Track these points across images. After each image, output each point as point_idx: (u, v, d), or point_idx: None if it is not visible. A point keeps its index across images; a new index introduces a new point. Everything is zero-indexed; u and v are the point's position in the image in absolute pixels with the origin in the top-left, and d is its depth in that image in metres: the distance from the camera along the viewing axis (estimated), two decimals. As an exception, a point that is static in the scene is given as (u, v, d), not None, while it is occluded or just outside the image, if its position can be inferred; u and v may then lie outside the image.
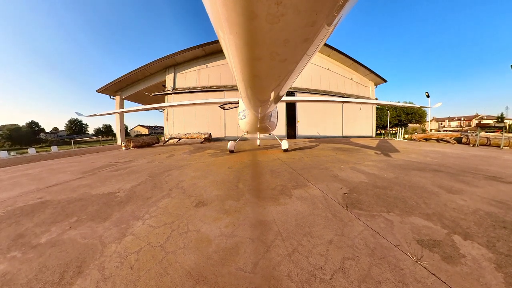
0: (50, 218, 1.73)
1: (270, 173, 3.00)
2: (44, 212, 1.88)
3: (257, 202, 1.86)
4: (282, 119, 14.39)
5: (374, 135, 18.06)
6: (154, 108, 6.37)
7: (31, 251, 1.26)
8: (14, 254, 1.25)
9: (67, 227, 1.55)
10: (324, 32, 0.77)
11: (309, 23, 0.70)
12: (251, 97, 1.91)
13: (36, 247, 1.30)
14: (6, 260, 1.19)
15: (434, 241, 1.21)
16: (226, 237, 1.29)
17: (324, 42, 0.90)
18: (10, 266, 1.13)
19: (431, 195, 2.00)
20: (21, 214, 1.87)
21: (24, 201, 2.24)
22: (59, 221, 1.67)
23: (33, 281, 1.01)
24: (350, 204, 1.78)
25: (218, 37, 0.92)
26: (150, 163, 4.51)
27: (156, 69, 15.70)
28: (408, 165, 3.64)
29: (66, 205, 2.04)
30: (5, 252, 1.27)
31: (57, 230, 1.50)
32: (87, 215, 1.76)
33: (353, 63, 16.67)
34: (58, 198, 2.29)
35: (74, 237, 1.39)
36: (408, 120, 35.23)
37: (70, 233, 1.45)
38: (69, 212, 1.84)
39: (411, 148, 6.98)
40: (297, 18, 0.67)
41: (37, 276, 1.04)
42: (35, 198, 2.33)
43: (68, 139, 45.97)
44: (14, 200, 2.31)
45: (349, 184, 2.40)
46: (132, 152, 7.81)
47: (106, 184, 2.77)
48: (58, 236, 1.42)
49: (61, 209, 1.93)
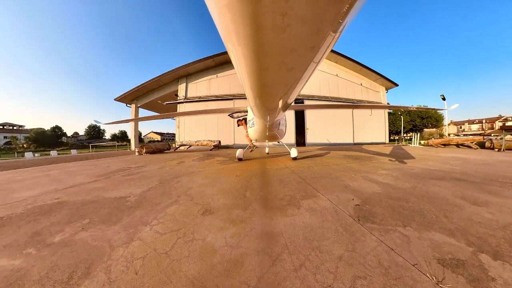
0: (65, 218, 1.80)
1: (279, 182, 2.95)
2: (60, 212, 1.96)
3: (264, 213, 1.82)
4: (291, 126, 14.33)
5: (387, 142, 17.27)
6: (167, 116, 6.64)
7: (45, 249, 1.32)
8: (29, 250, 1.31)
9: (79, 228, 1.60)
10: (330, 39, 0.79)
11: (314, 31, 0.72)
12: (260, 106, 1.94)
13: (50, 245, 1.36)
14: (22, 256, 1.25)
15: (458, 261, 1.09)
16: (231, 248, 1.27)
17: (331, 49, 0.91)
18: (25, 262, 1.19)
19: (453, 208, 1.84)
20: (39, 213, 1.97)
21: (43, 201, 2.37)
22: (73, 221, 1.73)
23: (44, 279, 1.04)
24: (362, 217, 1.68)
25: (227, 49, 0.96)
26: (160, 169, 4.62)
27: (169, 79, 16.61)
28: (425, 173, 3.42)
29: (80, 206, 2.12)
30: (22, 248, 1.34)
31: (70, 231, 1.56)
32: (98, 217, 1.81)
33: (362, 68, 16.49)
34: (73, 199, 2.40)
35: (85, 239, 1.43)
36: (424, 124, 33.28)
37: (82, 234, 1.49)
38: (83, 214, 1.91)
39: (428, 154, 6.60)
40: (302, 28, 0.69)
41: (48, 274, 1.07)
42: (53, 198, 2.45)
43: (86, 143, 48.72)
44: (35, 199, 2.45)
45: (361, 195, 2.28)
46: (144, 158, 8.06)
47: (118, 188, 2.86)
48: (70, 236, 1.47)
49: (76, 210, 2.00)
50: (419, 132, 17.26)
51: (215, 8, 0.68)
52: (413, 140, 12.67)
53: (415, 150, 8.58)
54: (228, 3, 0.60)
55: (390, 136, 25.34)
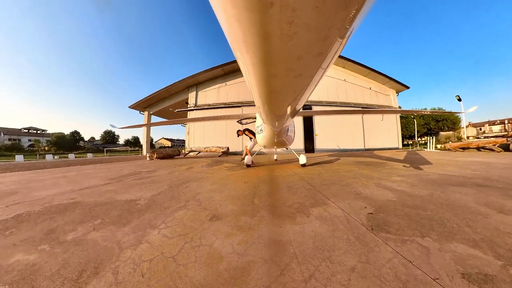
0: (78, 218, 1.86)
1: (287, 189, 2.89)
2: (74, 212, 2.03)
3: (273, 220, 1.78)
4: (300, 133, 14.19)
5: (401, 147, 16.59)
6: (178, 122, 6.84)
7: (58, 246, 1.36)
8: (44, 247, 1.36)
9: (91, 228, 1.64)
10: (337, 45, 0.79)
11: (321, 38, 0.72)
12: (268, 112, 1.95)
13: (63, 243, 1.40)
14: (37, 252, 1.30)
15: (486, 276, 0.99)
16: (238, 255, 1.24)
17: (338, 54, 0.91)
18: (39, 258, 1.23)
19: (477, 216, 1.70)
20: (55, 211, 2.06)
21: (59, 200, 2.48)
22: (85, 221, 1.78)
23: (55, 275, 1.07)
24: (376, 226, 1.59)
25: (236, 57, 0.98)
26: (170, 174, 4.70)
27: (180, 88, 17.39)
28: (444, 179, 3.22)
29: (93, 207, 2.19)
30: (37, 244, 1.40)
31: (82, 230, 1.60)
32: (109, 218, 1.85)
33: (370, 72, 16.30)
34: (87, 200, 2.48)
35: (96, 239, 1.46)
36: (439, 127, 31.59)
37: (93, 234, 1.53)
38: (95, 214, 1.96)
39: (446, 159, 6.25)
40: (309, 35, 0.69)
41: (59, 271, 1.10)
42: (69, 198, 2.55)
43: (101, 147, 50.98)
44: (52, 198, 2.57)
45: (374, 202, 2.17)
46: (155, 163, 8.26)
47: (129, 191, 2.93)
48: (82, 235, 1.51)
49: (88, 211, 2.07)
50: (434, 136, 16.42)
51: (224, 19, 0.70)
52: (429, 144, 12.08)
53: (431, 154, 8.15)
54: (236, 14, 0.63)
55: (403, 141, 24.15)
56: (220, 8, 0.66)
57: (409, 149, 14.83)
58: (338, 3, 0.58)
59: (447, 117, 30.62)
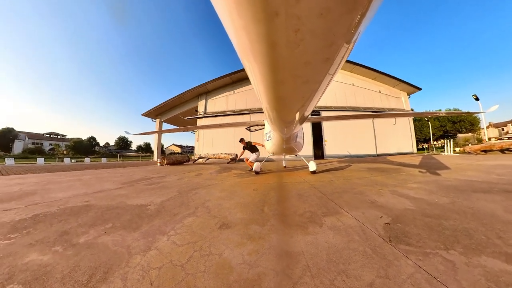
0: (91, 221, 1.90)
1: (297, 197, 2.80)
2: (87, 215, 2.08)
3: (283, 229, 1.72)
4: (308, 139, 13.96)
5: (415, 151, 15.77)
6: (188, 129, 7.00)
7: (71, 248, 1.39)
8: (57, 248, 1.39)
9: (102, 232, 1.66)
10: (344, 50, 0.78)
11: (327, 44, 0.72)
12: (276, 119, 1.94)
13: (75, 245, 1.43)
14: (50, 253, 1.33)
15: None
16: (249, 266, 1.19)
17: (345, 59, 0.90)
18: (52, 259, 1.26)
19: (507, 226, 1.55)
20: (70, 213, 2.12)
21: (74, 202, 2.56)
22: (97, 225, 1.81)
23: (66, 278, 1.08)
24: (394, 237, 1.48)
25: (244, 66, 1.01)
26: (180, 180, 4.74)
27: (190, 96, 18.07)
28: (466, 185, 2.99)
29: (105, 211, 2.23)
30: (51, 245, 1.44)
31: (94, 233, 1.63)
32: (120, 223, 1.87)
33: (379, 75, 15.97)
34: (100, 203, 2.54)
35: (106, 243, 1.47)
36: (456, 129, 29.58)
37: (104, 238, 1.54)
38: (107, 218, 1.99)
39: (467, 163, 5.83)
40: (315, 41, 0.70)
41: (70, 274, 1.11)
42: (83, 201, 2.63)
43: (115, 152, 53.02)
44: (67, 200, 2.67)
45: (391, 212, 2.05)
46: (165, 169, 8.41)
47: (140, 196, 2.97)
48: (94, 239, 1.53)
49: (101, 214, 2.10)
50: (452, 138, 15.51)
51: (232, 29, 0.73)
52: (446, 148, 11.42)
53: (450, 159, 7.68)
54: (243, 24, 0.65)
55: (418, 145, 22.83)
56: (227, 20, 0.69)
57: (424, 153, 14.06)
58: (343, 9, 0.58)
59: (465, 118, 28.68)
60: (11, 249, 1.41)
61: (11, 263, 1.24)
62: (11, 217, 2.07)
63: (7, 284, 1.05)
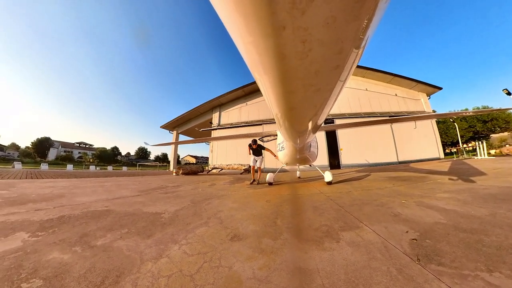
0: (109, 225, 1.98)
1: (313, 210, 2.65)
2: (106, 219, 2.17)
3: (297, 244, 1.62)
4: (323, 148, 13.27)
5: (443, 156, 14.14)
6: (202, 140, 7.21)
7: (88, 250, 1.45)
8: (76, 248, 1.47)
9: (118, 236, 1.71)
10: (354, 56, 0.78)
11: (336, 51, 0.72)
12: (289, 129, 1.94)
13: (93, 248, 1.49)
14: (70, 252, 1.41)
15: None
16: (259, 282, 1.13)
17: (356, 65, 0.89)
18: (71, 258, 1.32)
19: None
20: (91, 217, 2.24)
21: (95, 207, 2.71)
22: (114, 229, 1.88)
23: (82, 278, 1.12)
24: (423, 256, 1.31)
25: (255, 78, 1.04)
26: (194, 190, 4.81)
27: (205, 109, 19.19)
28: (507, 194, 2.62)
29: (123, 216, 2.31)
30: (72, 245, 1.52)
31: (111, 237, 1.68)
32: (135, 229, 1.91)
33: (393, 77, 15.11)
34: (118, 209, 2.64)
35: (121, 247, 1.50)
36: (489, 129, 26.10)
37: (119, 243, 1.58)
38: (123, 224, 2.06)
39: (506, 168, 5.13)
40: (324, 50, 0.70)
41: (85, 274, 1.15)
42: (103, 206, 2.77)
43: (135, 162, 56.12)
44: (90, 204, 2.84)
45: (418, 226, 1.83)
46: (180, 178, 8.62)
47: (155, 204, 3.05)
48: (110, 242, 1.58)
49: (118, 219, 2.18)
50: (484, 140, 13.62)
51: (242, 45, 0.77)
52: (479, 151, 10.15)
53: (484, 163, 6.81)
54: (253, 40, 0.68)
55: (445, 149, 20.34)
56: (238, 36, 0.73)
57: (453, 158, 12.53)
58: (348, 16, 0.58)
59: (497, 115, 25.32)
60: (37, 246, 1.51)
61: (36, 258, 1.32)
62: (40, 217, 2.25)
63: (31, 278, 1.11)
